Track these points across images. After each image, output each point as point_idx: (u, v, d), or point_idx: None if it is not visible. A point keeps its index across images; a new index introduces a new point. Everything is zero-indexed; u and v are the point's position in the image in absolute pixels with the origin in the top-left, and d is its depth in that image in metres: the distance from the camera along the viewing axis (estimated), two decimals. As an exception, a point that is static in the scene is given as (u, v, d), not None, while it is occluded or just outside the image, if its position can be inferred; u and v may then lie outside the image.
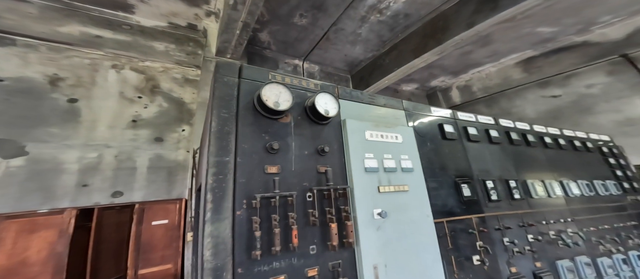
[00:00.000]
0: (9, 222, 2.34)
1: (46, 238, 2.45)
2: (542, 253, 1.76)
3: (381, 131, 1.59)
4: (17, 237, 2.36)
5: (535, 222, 1.80)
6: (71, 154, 2.87)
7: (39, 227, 2.45)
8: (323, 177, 1.37)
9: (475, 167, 1.77)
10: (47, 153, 2.77)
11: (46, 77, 3.11)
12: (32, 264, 2.37)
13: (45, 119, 2.89)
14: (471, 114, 2.04)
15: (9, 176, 2.56)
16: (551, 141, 2.42)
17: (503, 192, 1.79)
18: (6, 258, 2.29)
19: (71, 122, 3.00)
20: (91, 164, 2.93)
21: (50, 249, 2.44)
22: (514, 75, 5.74)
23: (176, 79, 3.82)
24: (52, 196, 2.66)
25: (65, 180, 2.76)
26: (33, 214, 2.47)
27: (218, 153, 1.21)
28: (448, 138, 1.77)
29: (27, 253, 2.37)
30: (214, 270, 1.05)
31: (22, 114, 2.81)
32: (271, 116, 1.41)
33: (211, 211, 1.10)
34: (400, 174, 1.50)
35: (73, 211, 2.59)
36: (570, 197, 2.14)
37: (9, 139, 2.66)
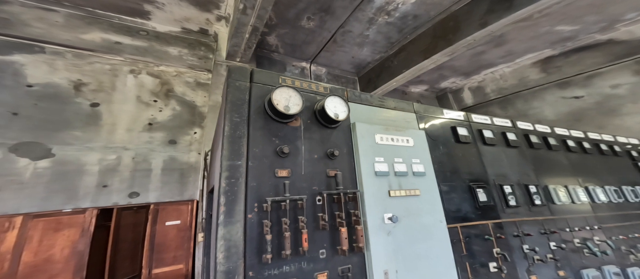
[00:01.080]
0: (36, 221, 2.49)
1: (69, 237, 2.58)
2: (565, 261, 1.68)
3: (391, 134, 1.58)
4: (43, 235, 2.50)
5: (558, 229, 1.72)
6: (92, 156, 3.02)
7: (63, 226, 2.59)
8: (333, 181, 1.37)
9: (491, 171, 1.72)
10: (71, 155, 2.93)
11: (71, 82, 3.30)
12: (56, 262, 2.50)
13: (69, 123, 3.06)
14: (486, 116, 1.98)
15: (37, 176, 2.72)
16: (575, 144, 2.31)
17: (522, 198, 1.72)
18: (33, 255, 2.43)
19: (93, 126, 3.16)
20: (110, 165, 3.07)
21: (72, 248, 2.57)
22: (530, 75, 5.50)
23: (189, 83, 3.95)
24: (75, 196, 2.81)
25: (87, 181, 2.91)
26: (58, 213, 2.61)
27: (231, 157, 1.24)
28: (461, 141, 1.73)
29: (52, 251, 2.50)
30: (226, 273, 1.07)
31: (48, 118, 2.99)
32: (281, 119, 1.42)
33: (224, 214, 1.13)
34: (411, 178, 1.48)
35: (94, 211, 2.72)
36: (596, 204, 2.03)
37: (36, 142, 2.84)
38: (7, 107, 2.87)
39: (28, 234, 2.45)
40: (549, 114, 5.33)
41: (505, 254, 1.50)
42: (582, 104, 4.97)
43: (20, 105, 2.95)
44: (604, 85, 4.76)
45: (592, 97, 4.90)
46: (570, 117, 5.08)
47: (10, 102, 2.91)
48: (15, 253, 2.36)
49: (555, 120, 5.24)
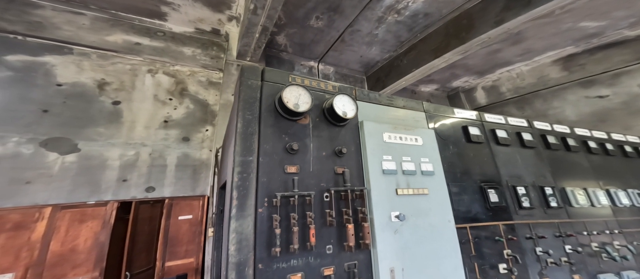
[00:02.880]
0: (64, 212, 2.68)
1: (92, 228, 2.76)
2: (581, 265, 1.62)
3: (400, 133, 1.58)
4: (69, 226, 2.69)
5: (575, 232, 1.66)
6: (114, 152, 3.21)
7: (87, 217, 2.77)
8: (340, 179, 1.40)
9: (504, 172, 1.68)
10: (95, 150, 3.13)
11: (95, 81, 3.52)
12: (80, 252, 2.67)
13: (94, 120, 3.27)
14: (500, 116, 1.93)
15: (64, 170, 2.93)
16: (596, 145, 2.20)
17: (537, 200, 1.67)
18: (60, 245, 2.61)
19: (115, 123, 3.36)
20: (130, 161, 3.25)
21: (94, 239, 2.74)
22: (551, 74, 5.23)
23: (201, 82, 4.10)
24: (98, 190, 3.00)
25: (109, 175, 3.10)
26: (83, 205, 2.80)
27: (243, 153, 1.29)
28: (473, 141, 1.70)
29: (77, 241, 2.68)
30: (237, 265, 1.13)
31: (75, 115, 3.21)
32: (291, 117, 1.47)
33: (236, 208, 1.18)
34: (419, 177, 1.48)
35: (115, 204, 2.89)
36: (618, 208, 1.94)
37: (65, 138, 3.06)
38: (39, 105, 3.11)
39: (56, 225, 2.64)
40: (570, 115, 5.06)
41: (517, 257, 1.47)
42: (608, 103, 4.67)
43: (51, 103, 3.18)
44: (632, 84, 4.46)
45: (618, 96, 4.60)
46: (594, 118, 4.79)
47: (42, 100, 3.15)
48: (44, 242, 2.55)
49: (577, 121, 4.96)
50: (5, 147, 2.79)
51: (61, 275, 2.54)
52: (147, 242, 3.11)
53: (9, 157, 2.78)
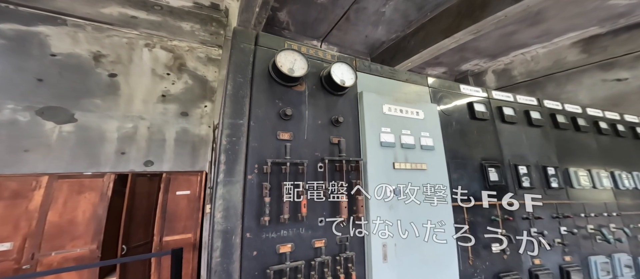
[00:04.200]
0: (61, 182, 2.66)
1: (90, 200, 2.75)
2: (574, 247, 1.59)
3: (401, 105, 1.48)
4: (67, 197, 2.68)
5: (573, 214, 1.61)
6: (112, 124, 3.16)
7: (85, 188, 2.76)
8: (336, 149, 1.32)
9: (507, 151, 1.59)
10: (92, 122, 3.08)
11: (91, 53, 3.40)
12: (78, 224, 2.67)
13: (90, 92, 3.19)
14: (509, 93, 1.80)
15: (62, 140, 2.89)
16: (607, 126, 2.07)
17: (538, 180, 1.59)
18: (58, 216, 2.61)
19: (112, 95, 3.28)
20: (128, 134, 3.20)
21: (92, 211, 2.74)
22: (568, 57, 4.83)
23: (200, 58, 3.95)
24: (97, 162, 2.97)
25: (107, 147, 3.06)
26: (80, 175, 2.78)
27: (232, 115, 1.21)
28: (478, 118, 1.60)
29: (75, 213, 2.68)
30: (223, 232, 1.07)
31: (71, 86, 3.13)
32: (286, 83, 1.37)
33: (224, 173, 1.12)
34: (418, 152, 1.39)
35: (112, 176, 2.87)
36: (620, 190, 1.87)
37: (61, 107, 3.00)
38: (33, 74, 3.02)
39: (54, 195, 2.63)
40: (583, 99, 4.71)
41: (511, 236, 1.41)
42: (625, 87, 4.33)
43: (46, 72, 3.09)
44: (655, 65, 4.11)
45: (638, 79, 4.27)
46: (607, 102, 4.45)
47: (36, 69, 3.06)
48: (42, 212, 2.55)
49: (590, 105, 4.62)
50: (1, 113, 2.74)
51: (59, 246, 2.56)
52: (145, 217, 3.10)
53: (6, 125, 2.74)
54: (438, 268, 1.28)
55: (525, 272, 1.44)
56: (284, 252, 1.15)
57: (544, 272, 1.43)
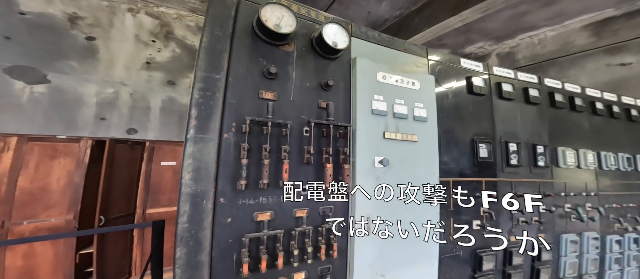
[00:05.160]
0: (31, 144, 2.37)
1: (65, 166, 2.48)
2: (549, 225, 1.57)
3: (397, 74, 1.32)
4: (39, 161, 2.39)
5: (554, 193, 1.58)
6: (90, 88, 2.82)
7: (59, 153, 2.48)
8: (324, 113, 1.16)
9: (500, 127, 1.50)
10: (67, 85, 2.73)
11: (66, 14, 2.97)
12: (52, 192, 2.40)
13: (65, 53, 2.81)
14: (509, 70, 1.69)
15: (34, 102, 2.56)
16: (603, 107, 2.01)
17: (526, 158, 1.53)
18: (29, 182, 2.32)
19: (89, 59, 2.91)
20: (108, 99, 2.88)
21: (68, 179, 2.47)
22: (577, 40, 4.50)
23: (190, 26, 3.57)
24: (74, 127, 2.67)
25: (85, 112, 2.75)
26: (53, 138, 2.49)
27: (207, 69, 1.01)
28: (475, 93, 1.48)
29: (48, 180, 2.40)
30: (192, 196, 0.91)
31: (43, 47, 2.73)
32: (271, 40, 1.16)
33: (194, 129, 0.94)
34: (410, 123, 1.26)
35: (89, 141, 2.60)
36: (603, 170, 1.85)
37: (31, 67, 2.62)
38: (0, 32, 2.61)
39: (24, 158, 2.34)
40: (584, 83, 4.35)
41: (492, 213, 1.35)
42: (627, 72, 4.14)
43: (13, 31, 2.67)
44: (661, 50, 3.97)
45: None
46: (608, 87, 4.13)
47: (2, 26, 2.63)
48: (11, 176, 2.27)
49: None
50: (-40, 70, 2.36)
51: (32, 215, 2.31)
52: (127, 187, 2.84)
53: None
54: (418, 243, 1.19)
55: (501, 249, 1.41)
56: (262, 220, 1.02)
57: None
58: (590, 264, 1.63)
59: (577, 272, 1.60)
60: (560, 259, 1.55)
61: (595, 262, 1.65)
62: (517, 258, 1.37)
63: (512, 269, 1.40)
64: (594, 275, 1.65)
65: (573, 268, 1.58)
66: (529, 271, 1.48)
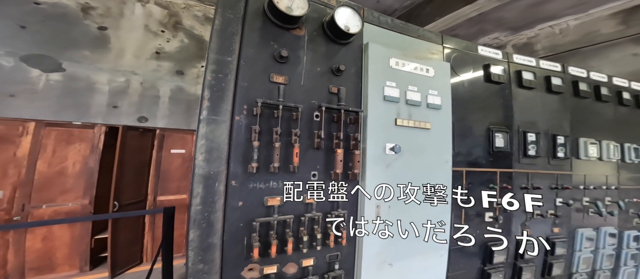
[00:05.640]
0: (48, 129, 2.45)
1: (80, 151, 2.55)
2: (565, 219, 1.51)
3: (410, 61, 1.28)
4: (56, 145, 2.47)
5: (572, 185, 1.51)
6: (102, 76, 2.88)
7: (74, 139, 2.55)
8: (334, 98, 1.14)
9: (518, 117, 1.44)
10: (81, 72, 2.79)
11: (78, 5, 3.00)
12: (68, 176, 2.48)
13: (77, 43, 2.86)
14: (531, 57, 1.61)
15: (49, 88, 2.63)
16: (630, 97, 1.89)
17: (544, 149, 1.47)
18: (47, 166, 2.41)
19: (101, 48, 2.95)
20: (120, 87, 2.94)
21: (83, 163, 2.54)
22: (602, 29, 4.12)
23: (197, 16, 3.56)
24: (87, 113, 2.75)
25: (98, 99, 2.82)
26: (69, 124, 2.56)
27: (219, 51, 1.00)
28: (493, 81, 1.42)
29: (65, 164, 2.48)
30: (205, 177, 0.91)
31: (57, 36, 2.79)
32: (283, 23, 1.13)
33: (207, 110, 0.93)
34: (424, 110, 1.22)
35: (102, 128, 2.66)
36: (625, 163, 1.77)
37: (47, 55, 2.69)
38: (15, 20, 2.66)
39: (42, 143, 2.42)
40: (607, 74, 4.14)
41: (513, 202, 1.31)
42: None
43: (28, 20, 2.72)
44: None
45: None
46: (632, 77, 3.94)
47: (18, 16, 2.69)
48: (30, 160, 2.35)
49: None
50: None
51: (49, 199, 2.40)
52: (137, 173, 2.88)
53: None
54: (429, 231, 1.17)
55: (513, 242, 1.37)
56: (273, 205, 1.02)
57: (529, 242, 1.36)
58: (605, 260, 1.58)
59: (591, 267, 1.55)
60: (575, 254, 1.50)
61: (611, 257, 1.60)
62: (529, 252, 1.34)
63: (523, 263, 1.37)
64: (609, 271, 1.60)
65: (587, 263, 1.53)
66: (541, 265, 1.44)
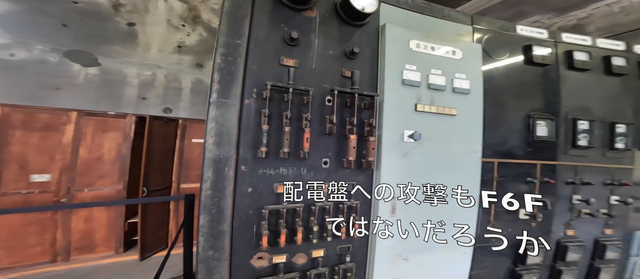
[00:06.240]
0: (87, 118, 2.69)
1: (114, 139, 2.78)
2: (621, 219, 1.30)
3: (433, 43, 1.14)
4: (94, 133, 2.71)
5: (634, 182, 1.28)
6: (132, 70, 3.09)
7: (109, 128, 2.78)
8: (348, 83, 1.06)
9: (567, 102, 1.23)
10: (114, 67, 3.02)
11: (110, 2, 3.20)
12: (105, 162, 2.72)
13: (110, 38, 3.07)
14: (585, 36, 1.36)
15: (88, 82, 2.89)
16: None
17: (599, 139, 1.25)
18: (87, 152, 2.66)
19: (130, 43, 3.15)
20: (147, 80, 3.13)
21: (117, 151, 2.77)
22: None
23: (214, 10, 3.62)
24: (120, 104, 2.98)
25: (129, 91, 3.03)
26: (104, 114, 2.79)
27: (229, 34, 0.97)
28: (536, 63, 1.22)
29: (101, 151, 2.72)
30: (215, 161, 0.90)
31: (92, 32, 3.02)
32: (293, 5, 1.07)
33: (217, 93, 0.91)
34: (449, 95, 1.10)
35: (133, 117, 2.86)
36: None
37: (85, 51, 2.93)
38: (57, 19, 2.91)
39: (82, 131, 2.67)
40: None
41: (547, 202, 1.14)
42: None
43: (68, 18, 2.96)
44: None
45: None
46: None
47: (59, 14, 2.93)
48: (73, 146, 2.61)
49: None
50: (31, 53, 2.72)
51: (89, 184, 2.65)
52: (162, 161, 3.06)
53: (37, 63, 2.73)
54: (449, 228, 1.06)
55: (552, 242, 1.20)
56: (282, 192, 0.98)
57: (576, 244, 1.18)
58: (668, 268, 1.33)
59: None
60: (629, 259, 1.29)
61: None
62: (573, 254, 1.16)
63: (564, 266, 1.19)
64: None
65: (645, 270, 1.31)
66: (585, 269, 1.25)
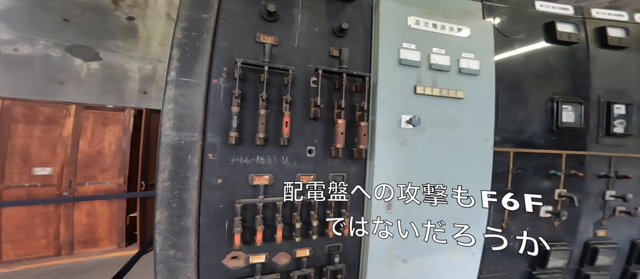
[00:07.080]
0: (87, 112, 2.68)
1: (114, 133, 2.76)
2: None
3: (435, 19, 0.97)
4: (94, 127, 2.70)
5: None
6: (133, 64, 3.08)
7: (109, 121, 2.76)
8: (336, 63, 0.91)
9: (599, 84, 1.05)
10: (115, 61, 3.01)
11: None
12: (106, 156, 2.71)
13: (111, 33, 3.07)
14: (619, 11, 1.15)
15: (91, 76, 2.90)
16: None
17: (638, 125, 1.05)
18: (88, 145, 2.66)
19: (131, 37, 3.13)
20: (148, 74, 3.12)
21: (118, 144, 2.75)
22: None
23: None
24: (123, 99, 2.98)
25: (131, 86, 3.03)
26: (103, 107, 2.79)
27: (192, 7, 0.82)
28: (561, 40, 1.03)
29: (102, 144, 2.71)
30: (174, 148, 0.76)
31: (94, 27, 3.02)
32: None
33: (176, 71, 0.78)
34: (454, 76, 0.93)
35: (131, 111, 2.84)
36: None
37: (87, 46, 2.94)
38: (59, 14, 2.92)
39: (82, 125, 2.66)
40: None
41: (574, 198, 0.95)
42: None
43: (70, 13, 2.97)
44: None
45: None
46: None
47: (61, 9, 2.94)
48: (74, 140, 2.60)
49: None
50: (35, 48, 2.74)
51: (91, 177, 2.64)
52: None
53: (41, 58, 2.75)
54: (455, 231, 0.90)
55: (579, 244, 1.02)
56: (259, 184, 0.85)
57: (607, 246, 0.99)
58: None
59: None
60: None
61: None
62: (604, 258, 0.97)
63: (592, 270, 1.01)
64: None
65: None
66: (619, 274, 1.06)
